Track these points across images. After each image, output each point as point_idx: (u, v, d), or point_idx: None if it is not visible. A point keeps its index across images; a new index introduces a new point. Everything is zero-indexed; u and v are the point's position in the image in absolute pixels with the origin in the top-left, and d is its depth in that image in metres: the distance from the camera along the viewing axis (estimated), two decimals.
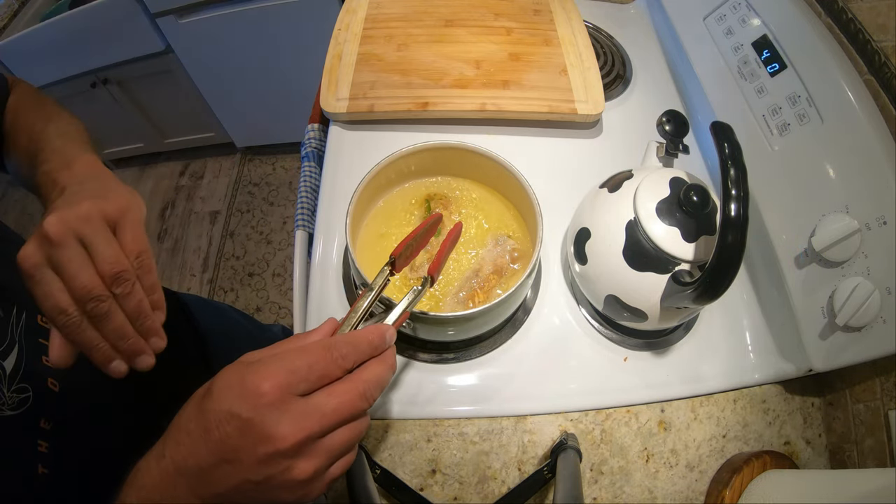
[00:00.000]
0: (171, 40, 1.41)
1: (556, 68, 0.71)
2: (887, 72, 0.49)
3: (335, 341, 0.30)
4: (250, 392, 0.26)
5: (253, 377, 0.27)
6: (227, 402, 0.26)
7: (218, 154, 1.97)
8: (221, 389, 0.27)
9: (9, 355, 0.36)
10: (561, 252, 0.61)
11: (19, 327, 0.37)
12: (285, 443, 0.26)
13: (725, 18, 0.66)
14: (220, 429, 0.26)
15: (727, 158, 0.39)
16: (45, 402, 0.37)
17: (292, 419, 0.26)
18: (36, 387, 0.37)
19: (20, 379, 0.36)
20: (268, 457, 0.26)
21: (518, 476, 0.50)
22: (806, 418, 0.56)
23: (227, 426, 0.26)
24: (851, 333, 0.47)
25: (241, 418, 0.26)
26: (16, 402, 0.35)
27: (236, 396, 0.26)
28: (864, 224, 0.46)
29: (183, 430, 0.28)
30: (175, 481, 0.27)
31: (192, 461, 0.27)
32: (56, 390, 0.38)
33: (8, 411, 0.34)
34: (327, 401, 0.28)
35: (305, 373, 0.28)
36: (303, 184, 0.69)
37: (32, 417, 0.36)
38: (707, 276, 0.39)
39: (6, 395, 0.34)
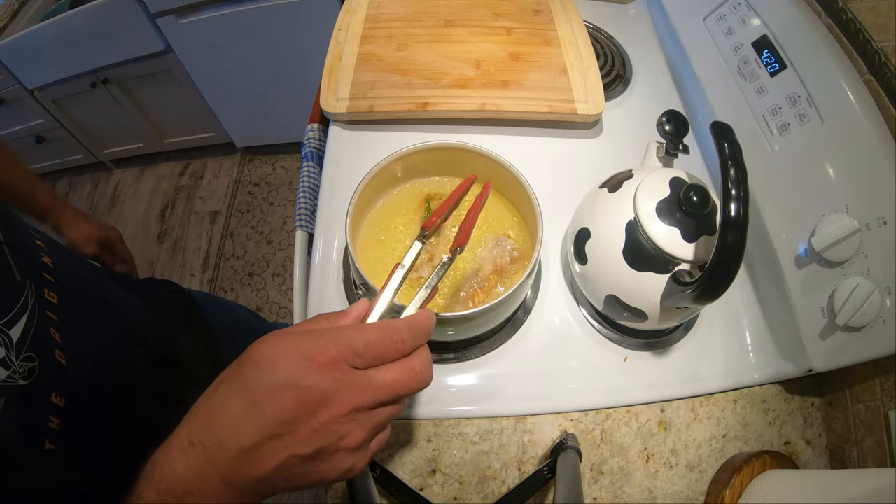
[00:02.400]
0: (171, 40, 1.41)
1: (556, 68, 0.71)
2: (887, 72, 0.49)
3: (395, 325, 0.30)
4: (308, 360, 0.26)
5: (310, 346, 0.26)
6: (282, 372, 0.25)
7: (218, 154, 1.97)
8: (272, 361, 0.26)
9: (16, 323, 0.36)
10: (561, 252, 0.61)
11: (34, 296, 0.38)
12: (342, 408, 0.26)
13: (725, 18, 0.66)
14: (273, 401, 0.25)
15: (727, 158, 0.39)
16: (53, 373, 0.37)
17: (350, 387, 0.26)
18: (43, 358, 0.37)
19: (27, 348, 0.36)
20: (322, 425, 0.26)
21: (518, 476, 0.50)
22: (806, 418, 0.56)
23: (282, 397, 0.25)
24: (851, 333, 0.47)
25: (299, 387, 0.25)
26: (26, 371, 0.35)
27: (293, 365, 0.26)
28: (864, 224, 0.46)
29: (219, 411, 0.26)
30: (205, 470, 0.25)
31: (232, 443, 0.25)
32: (63, 363, 0.39)
33: (21, 380, 0.35)
34: (384, 375, 0.28)
35: (362, 349, 0.27)
36: (303, 184, 0.69)
37: (44, 390, 0.37)
38: (707, 276, 0.39)
39: (16, 364, 0.35)
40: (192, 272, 1.73)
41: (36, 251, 0.42)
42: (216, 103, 1.66)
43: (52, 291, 0.41)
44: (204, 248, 1.78)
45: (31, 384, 0.35)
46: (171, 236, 1.82)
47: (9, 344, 0.35)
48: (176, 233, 1.82)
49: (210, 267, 1.73)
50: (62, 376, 0.38)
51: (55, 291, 0.41)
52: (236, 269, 1.72)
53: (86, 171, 1.96)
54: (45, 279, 0.41)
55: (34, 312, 0.37)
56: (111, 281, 0.61)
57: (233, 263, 1.73)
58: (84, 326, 0.44)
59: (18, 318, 0.36)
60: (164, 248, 1.79)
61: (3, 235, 0.38)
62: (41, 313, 0.39)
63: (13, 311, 0.36)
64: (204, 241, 1.79)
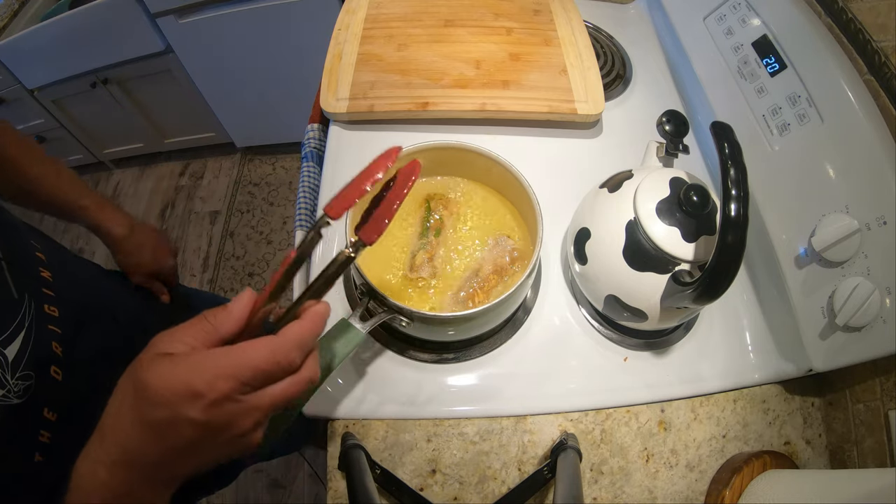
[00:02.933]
0: (171, 40, 1.41)
1: (556, 68, 0.71)
2: (887, 72, 0.49)
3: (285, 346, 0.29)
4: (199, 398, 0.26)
5: (199, 383, 0.26)
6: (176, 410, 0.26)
7: (218, 154, 1.96)
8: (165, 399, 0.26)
9: (13, 341, 0.36)
10: (561, 252, 0.61)
11: (31, 313, 0.38)
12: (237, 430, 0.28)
13: (725, 18, 0.66)
14: (176, 433, 0.27)
15: (727, 158, 0.39)
16: (47, 390, 0.38)
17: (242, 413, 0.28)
18: (39, 374, 0.37)
19: (24, 366, 0.36)
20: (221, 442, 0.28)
21: (518, 476, 0.50)
22: (806, 418, 0.56)
23: (184, 430, 0.27)
24: (851, 333, 0.47)
25: (194, 422, 0.27)
26: (21, 390, 0.35)
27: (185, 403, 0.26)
28: (864, 224, 0.46)
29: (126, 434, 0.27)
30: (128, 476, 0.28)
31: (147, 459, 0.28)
32: (59, 379, 0.39)
33: (15, 399, 0.35)
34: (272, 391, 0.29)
35: (250, 378, 0.28)
36: (303, 184, 0.69)
37: (37, 406, 0.37)
38: (707, 276, 0.39)
39: (10, 383, 0.35)
40: (192, 272, 1.73)
41: (35, 265, 0.42)
42: (216, 103, 1.65)
43: (53, 305, 0.41)
44: (204, 248, 1.78)
45: (24, 402, 0.36)
46: (171, 236, 1.82)
47: (4, 364, 0.35)
48: (176, 233, 1.82)
49: (210, 267, 1.73)
50: (56, 392, 0.39)
51: (56, 305, 0.41)
52: (236, 269, 1.72)
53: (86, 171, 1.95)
54: (45, 294, 0.41)
55: (31, 329, 0.38)
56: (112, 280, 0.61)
57: (233, 263, 1.73)
58: (85, 337, 0.44)
59: (15, 337, 0.36)
60: None
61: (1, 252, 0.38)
62: (41, 328, 0.39)
63: (9, 329, 0.36)
64: (204, 241, 1.79)
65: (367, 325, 0.44)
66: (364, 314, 0.44)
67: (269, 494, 1.34)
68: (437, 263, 0.53)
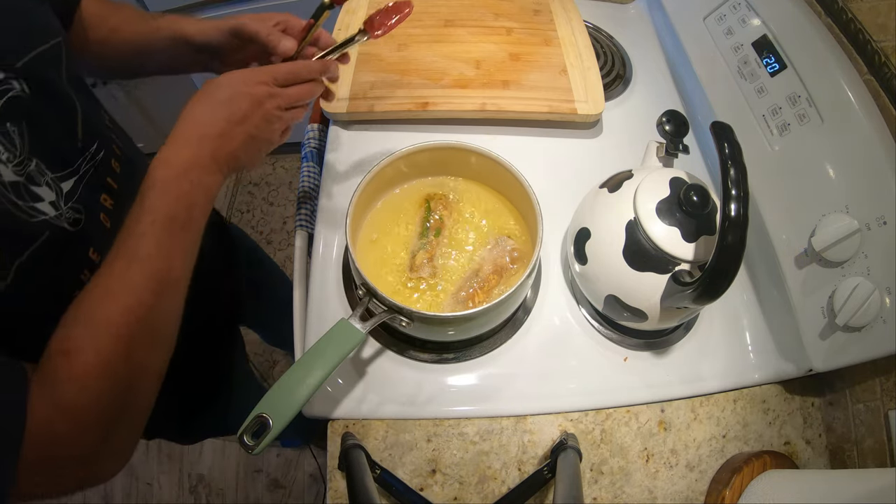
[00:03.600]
0: None
1: (556, 68, 0.71)
2: (887, 72, 0.49)
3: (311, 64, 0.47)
4: (250, 81, 0.42)
5: (251, 74, 0.42)
6: (238, 86, 0.41)
7: None
8: (230, 80, 0.42)
9: (67, 179, 0.40)
10: (561, 252, 0.61)
11: (92, 162, 0.43)
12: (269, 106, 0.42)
13: (725, 18, 0.66)
14: (236, 104, 0.41)
15: (727, 158, 0.39)
16: (95, 232, 0.42)
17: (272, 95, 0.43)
18: (89, 215, 0.42)
19: (77, 201, 0.41)
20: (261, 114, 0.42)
21: (518, 476, 0.50)
22: (806, 418, 0.56)
23: (242, 102, 0.41)
24: (851, 333, 0.47)
25: (249, 95, 0.41)
26: (72, 219, 0.40)
27: (241, 84, 0.41)
28: (864, 224, 0.46)
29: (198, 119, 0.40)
30: (198, 153, 0.39)
31: (212, 132, 0.40)
32: (107, 226, 0.44)
33: (66, 225, 0.39)
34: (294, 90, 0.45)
35: (283, 77, 0.44)
36: (303, 184, 0.69)
37: (84, 242, 0.41)
38: (707, 276, 0.39)
39: (64, 209, 0.39)
40: None
41: (109, 129, 0.49)
42: None
43: (118, 162, 0.47)
44: None
45: (75, 232, 0.40)
46: None
47: (59, 193, 0.40)
48: None
49: None
50: (103, 237, 0.43)
51: (120, 163, 0.48)
52: None
53: None
54: (114, 151, 0.48)
55: (85, 177, 0.42)
56: None
57: None
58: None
59: (69, 178, 0.41)
60: None
61: (80, 105, 0.43)
62: (99, 179, 0.44)
63: (65, 171, 0.41)
64: None
65: (367, 325, 0.44)
66: (364, 314, 0.44)
67: (269, 494, 1.34)
68: (437, 263, 0.53)
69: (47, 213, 0.37)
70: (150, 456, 1.39)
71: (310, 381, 0.41)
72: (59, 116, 0.41)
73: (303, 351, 0.48)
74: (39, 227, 0.37)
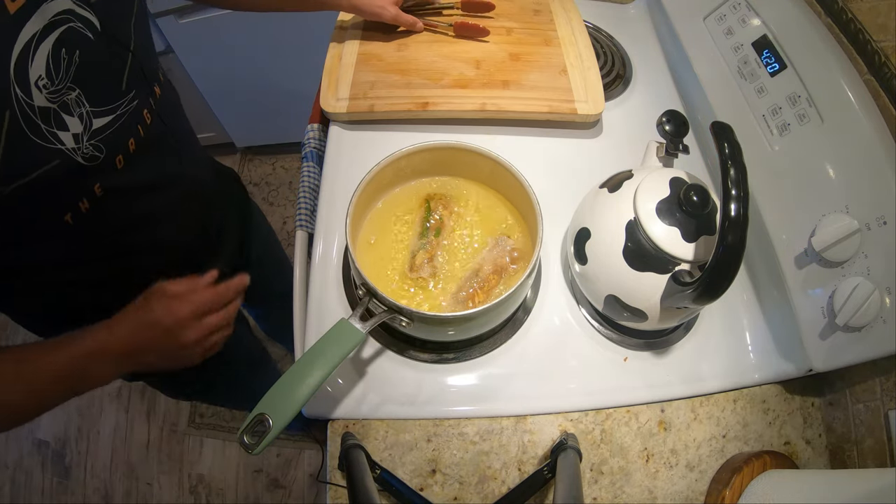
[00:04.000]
0: (171, 40, 1.40)
1: (556, 68, 0.71)
2: (887, 72, 0.49)
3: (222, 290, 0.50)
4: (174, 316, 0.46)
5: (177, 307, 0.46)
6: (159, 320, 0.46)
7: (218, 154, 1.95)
8: (155, 312, 0.46)
9: (104, 116, 0.43)
10: (561, 252, 0.61)
11: (129, 106, 0.45)
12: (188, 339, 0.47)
13: (725, 18, 0.66)
14: (151, 332, 0.46)
15: (727, 158, 0.39)
16: (107, 170, 0.44)
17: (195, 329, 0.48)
18: (109, 154, 0.44)
19: (102, 139, 0.43)
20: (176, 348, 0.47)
21: (518, 476, 0.50)
22: (806, 418, 0.56)
23: (157, 332, 0.46)
24: (851, 333, 0.47)
25: (167, 329, 0.46)
26: (89, 156, 0.42)
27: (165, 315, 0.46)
28: (864, 224, 0.46)
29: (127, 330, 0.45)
30: (105, 354, 0.44)
31: (128, 348, 0.45)
32: (119, 167, 0.46)
33: (80, 159, 0.41)
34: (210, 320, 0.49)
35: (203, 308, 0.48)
36: (303, 184, 0.69)
37: (93, 176, 0.43)
38: (707, 276, 0.39)
39: (83, 144, 0.41)
40: None
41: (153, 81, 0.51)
42: (216, 103, 1.65)
43: (150, 114, 0.49)
44: None
45: (87, 168, 0.42)
46: None
47: (88, 127, 0.41)
48: None
49: None
50: (111, 177, 0.45)
51: (151, 115, 0.49)
52: None
53: None
54: (150, 103, 0.49)
55: (120, 119, 0.44)
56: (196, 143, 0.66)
57: None
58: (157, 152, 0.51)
59: (105, 115, 0.43)
60: None
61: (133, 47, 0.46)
62: (131, 124, 0.46)
63: (104, 108, 0.43)
64: None
65: (367, 325, 0.44)
66: (364, 314, 0.44)
67: (269, 494, 1.34)
68: (437, 263, 0.53)
69: (65, 144, 0.39)
70: (150, 456, 1.39)
71: (310, 381, 0.41)
72: (114, 56, 0.44)
73: (303, 351, 0.48)
74: (52, 154, 0.39)
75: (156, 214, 0.54)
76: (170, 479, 1.37)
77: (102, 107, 0.42)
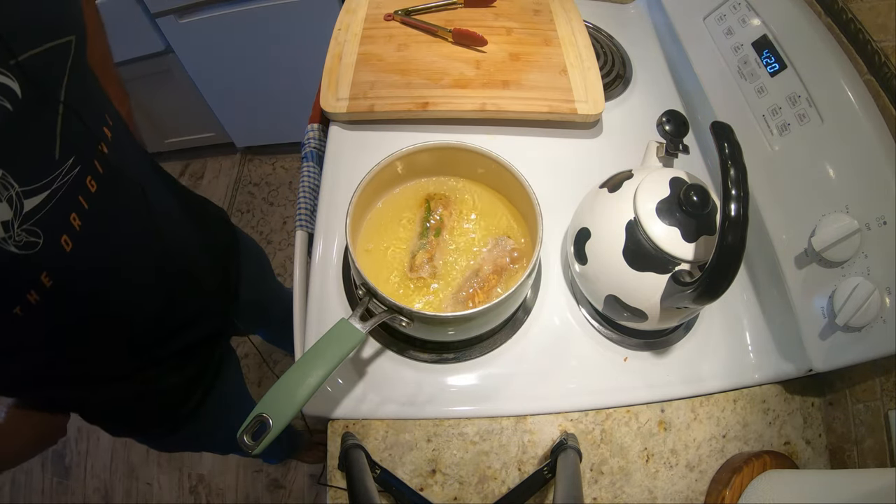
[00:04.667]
0: (171, 40, 1.41)
1: (556, 68, 0.71)
2: (887, 72, 0.49)
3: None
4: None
5: None
6: None
7: (218, 154, 1.96)
8: None
9: (36, 195, 0.37)
10: (561, 252, 0.61)
11: (67, 177, 0.39)
12: None
13: (725, 18, 0.66)
14: None
15: (727, 158, 0.39)
16: (52, 256, 0.39)
17: None
18: (49, 238, 0.38)
19: (37, 222, 0.37)
20: None
21: (518, 476, 0.50)
22: (806, 418, 0.56)
23: None
24: (851, 333, 0.47)
25: None
26: (23, 243, 0.36)
27: None
28: (864, 224, 0.46)
29: None
30: None
31: None
32: (67, 250, 0.40)
33: (13, 248, 0.36)
34: None
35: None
36: (303, 184, 0.69)
37: (35, 265, 0.38)
38: (707, 276, 0.39)
39: (14, 231, 0.36)
40: None
41: (98, 138, 0.43)
42: (216, 103, 1.65)
43: (95, 180, 0.42)
44: None
45: (25, 256, 0.36)
46: None
47: (18, 211, 0.36)
48: None
49: None
50: (60, 262, 0.40)
51: (98, 181, 0.42)
52: None
53: None
54: (95, 167, 0.42)
55: (58, 193, 0.38)
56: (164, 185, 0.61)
57: None
58: (111, 225, 0.45)
59: (39, 193, 0.37)
60: None
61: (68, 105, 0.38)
62: (70, 197, 0.40)
63: (37, 184, 0.37)
64: None
65: (367, 325, 0.44)
66: (364, 314, 0.44)
67: (269, 494, 1.34)
68: (437, 263, 0.53)
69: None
70: (150, 456, 1.39)
71: (310, 381, 0.41)
72: (43, 123, 0.38)
73: (303, 351, 0.48)
74: None
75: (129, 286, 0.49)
76: (170, 479, 1.37)
77: (34, 184, 0.36)
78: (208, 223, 0.70)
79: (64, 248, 0.40)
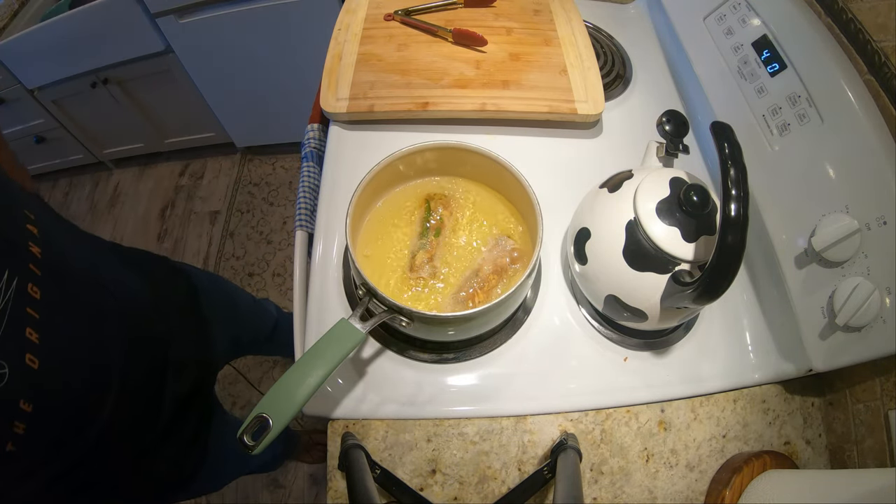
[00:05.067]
0: (171, 40, 1.41)
1: (556, 68, 0.71)
2: (887, 72, 0.49)
3: None
4: None
5: None
6: None
7: (218, 154, 1.96)
8: None
9: None
10: (561, 252, 0.61)
11: (10, 293, 0.36)
12: None
13: (725, 18, 0.66)
14: None
15: (727, 158, 0.39)
16: (23, 379, 0.36)
17: None
18: (14, 363, 0.36)
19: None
20: None
21: (518, 476, 0.50)
22: (806, 418, 0.56)
23: None
24: (851, 333, 0.47)
25: None
26: None
27: None
28: (864, 224, 0.46)
29: None
30: None
31: None
32: (35, 368, 0.37)
33: None
34: None
35: None
36: (303, 184, 0.69)
37: (12, 396, 0.36)
38: (707, 276, 0.39)
39: None
40: None
41: (24, 239, 0.40)
42: (216, 103, 1.65)
43: (36, 286, 0.39)
44: (204, 249, 1.78)
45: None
46: (171, 236, 1.82)
47: None
48: (176, 233, 1.82)
49: (210, 267, 1.73)
50: (32, 382, 0.37)
51: (39, 286, 0.39)
52: (236, 269, 1.72)
53: (86, 171, 1.95)
54: (31, 272, 0.39)
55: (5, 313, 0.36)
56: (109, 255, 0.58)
57: (233, 263, 1.73)
58: (68, 323, 0.42)
59: None
60: (164, 248, 1.79)
61: None
62: (18, 313, 0.37)
63: None
64: (204, 241, 1.79)
65: (367, 325, 0.44)
66: (364, 314, 0.44)
67: (269, 494, 1.34)
68: (437, 263, 0.53)
69: None
70: None
71: (310, 381, 0.41)
72: None
73: (303, 351, 0.48)
74: None
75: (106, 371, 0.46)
76: None
77: None
78: (158, 278, 0.66)
79: (31, 367, 0.37)
